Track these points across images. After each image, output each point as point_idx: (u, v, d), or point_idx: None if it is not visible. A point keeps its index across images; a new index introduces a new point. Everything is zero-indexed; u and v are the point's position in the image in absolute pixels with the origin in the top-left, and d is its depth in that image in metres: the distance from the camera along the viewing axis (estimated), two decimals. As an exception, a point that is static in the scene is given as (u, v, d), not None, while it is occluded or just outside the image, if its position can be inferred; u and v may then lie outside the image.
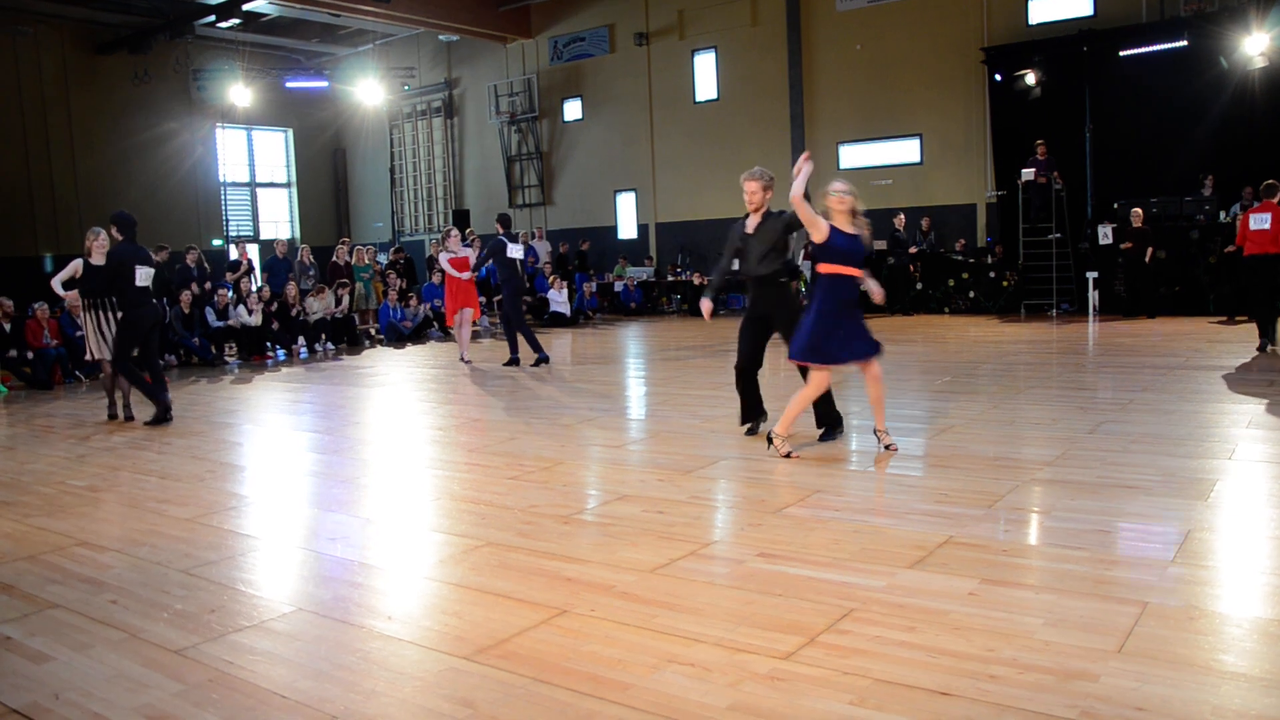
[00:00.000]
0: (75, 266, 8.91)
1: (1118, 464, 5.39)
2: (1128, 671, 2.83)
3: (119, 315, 8.50)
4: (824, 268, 5.72)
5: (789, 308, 6.29)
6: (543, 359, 11.49)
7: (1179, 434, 6.15)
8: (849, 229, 5.73)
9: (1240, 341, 10.70)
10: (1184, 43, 14.50)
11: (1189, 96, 14.62)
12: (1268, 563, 3.79)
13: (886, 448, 5.92)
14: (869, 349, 5.76)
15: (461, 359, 12.17)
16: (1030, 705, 2.66)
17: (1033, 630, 3.16)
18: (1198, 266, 14.23)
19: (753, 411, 6.73)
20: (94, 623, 3.65)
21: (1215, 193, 14.47)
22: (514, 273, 11.71)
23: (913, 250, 16.64)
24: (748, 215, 6.37)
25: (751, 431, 6.70)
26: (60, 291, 9.35)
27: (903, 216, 16.69)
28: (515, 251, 11.61)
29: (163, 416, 8.45)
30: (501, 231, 11.67)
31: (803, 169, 5.70)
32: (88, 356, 9.01)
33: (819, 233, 5.63)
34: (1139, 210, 14.05)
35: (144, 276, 8.34)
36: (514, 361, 11.64)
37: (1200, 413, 6.88)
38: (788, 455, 5.83)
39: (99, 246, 8.73)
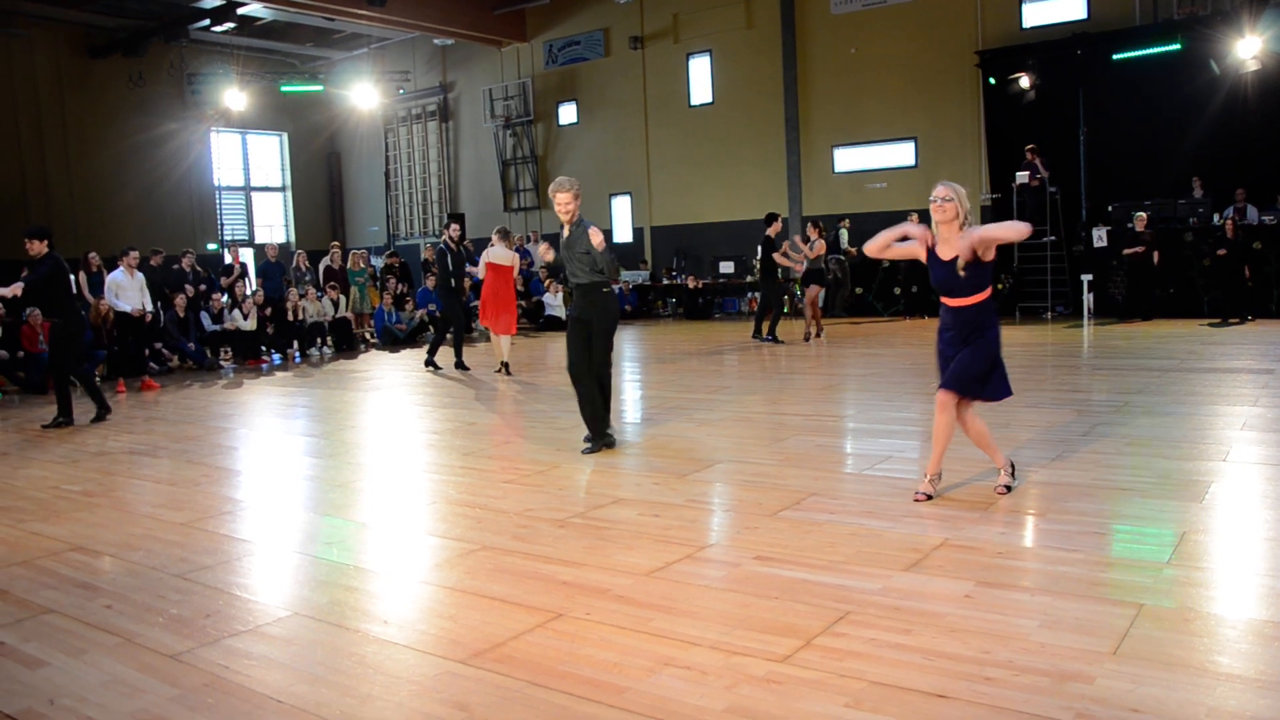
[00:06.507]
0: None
1: (1113, 466, 5.40)
2: (1123, 673, 2.83)
3: (54, 323, 8.79)
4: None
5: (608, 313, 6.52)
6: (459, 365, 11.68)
7: (1174, 436, 6.16)
8: (946, 248, 4.67)
9: (1234, 344, 10.73)
10: (1177, 46, 14.55)
11: (1182, 99, 14.67)
12: (1262, 564, 3.80)
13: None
14: (943, 382, 4.82)
15: (501, 368, 11.29)
16: (1025, 707, 2.66)
17: (1028, 632, 3.16)
18: (1192, 269, 14.27)
19: (594, 424, 6.44)
20: (89, 628, 3.64)
21: (1207, 195, 14.52)
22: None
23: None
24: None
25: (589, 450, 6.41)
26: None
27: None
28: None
29: (101, 416, 9.03)
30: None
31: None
32: None
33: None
34: (1143, 215, 14.04)
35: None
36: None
37: (1195, 415, 6.90)
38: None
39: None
